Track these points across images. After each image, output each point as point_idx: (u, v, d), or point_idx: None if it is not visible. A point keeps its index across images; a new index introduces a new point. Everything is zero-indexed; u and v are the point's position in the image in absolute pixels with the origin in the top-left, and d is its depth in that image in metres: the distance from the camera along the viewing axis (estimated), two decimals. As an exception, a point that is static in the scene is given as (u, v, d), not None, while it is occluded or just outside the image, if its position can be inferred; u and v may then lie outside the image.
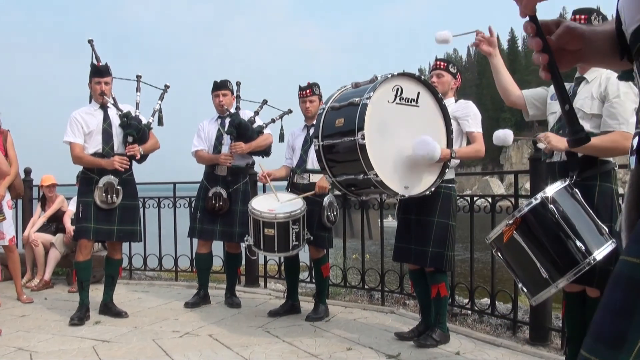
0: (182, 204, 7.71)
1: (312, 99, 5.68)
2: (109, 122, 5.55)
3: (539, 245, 3.31)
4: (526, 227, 3.33)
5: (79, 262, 5.57)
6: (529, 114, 4.00)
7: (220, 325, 5.38)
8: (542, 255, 3.29)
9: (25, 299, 6.44)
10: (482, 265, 9.22)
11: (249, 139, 6.01)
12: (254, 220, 5.36)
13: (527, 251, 3.32)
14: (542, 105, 3.95)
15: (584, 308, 3.63)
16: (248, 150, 6.00)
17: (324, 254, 5.76)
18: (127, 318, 5.64)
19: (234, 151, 5.95)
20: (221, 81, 6.25)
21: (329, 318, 5.61)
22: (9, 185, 6.32)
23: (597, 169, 3.50)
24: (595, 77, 3.58)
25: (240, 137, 5.97)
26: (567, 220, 3.26)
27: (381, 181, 3.94)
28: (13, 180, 6.41)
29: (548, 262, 3.27)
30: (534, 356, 4.43)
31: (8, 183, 6.27)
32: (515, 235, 3.34)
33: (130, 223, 5.67)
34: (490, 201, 5.32)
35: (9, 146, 6.45)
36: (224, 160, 5.99)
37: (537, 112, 3.98)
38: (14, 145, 6.52)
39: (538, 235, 3.32)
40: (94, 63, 5.62)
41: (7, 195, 6.40)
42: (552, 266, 3.26)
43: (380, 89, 4.05)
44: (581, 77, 3.67)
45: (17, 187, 6.72)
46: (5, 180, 6.06)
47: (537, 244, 3.31)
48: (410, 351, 4.54)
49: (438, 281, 4.65)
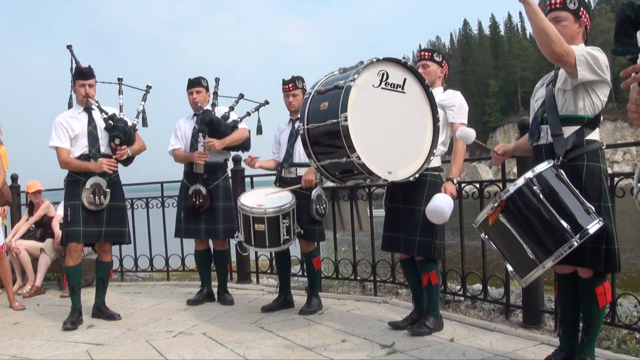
0: (170, 203, 7.68)
1: (295, 92, 5.65)
2: (94, 125, 5.51)
3: (524, 227, 3.32)
4: (511, 209, 3.34)
5: (69, 267, 5.52)
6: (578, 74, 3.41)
7: (214, 322, 5.37)
8: (528, 237, 3.30)
9: (17, 305, 6.41)
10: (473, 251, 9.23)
11: (222, 135, 5.95)
12: (243, 216, 5.34)
13: (513, 233, 3.34)
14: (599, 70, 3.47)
15: (576, 289, 3.64)
16: (222, 146, 5.96)
17: (314, 247, 5.76)
18: (120, 320, 5.61)
19: (207, 148, 5.92)
20: (195, 78, 6.21)
21: (323, 311, 5.61)
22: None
23: (584, 148, 3.49)
24: None
25: (214, 134, 5.91)
26: (552, 200, 3.27)
27: (364, 164, 3.92)
28: (0, 188, 6.28)
29: (534, 243, 3.28)
30: (527, 339, 4.44)
31: None
32: (501, 217, 3.35)
33: (118, 224, 5.64)
34: (479, 187, 5.33)
35: None
36: (197, 157, 5.95)
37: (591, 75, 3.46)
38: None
39: (523, 217, 3.33)
40: (76, 66, 5.57)
41: None
42: (538, 247, 3.27)
43: (364, 73, 4.03)
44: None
45: (5, 195, 6.61)
46: None
47: (523, 225, 3.33)
48: (404, 340, 4.54)
49: (428, 269, 4.66)
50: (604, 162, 3.56)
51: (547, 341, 4.31)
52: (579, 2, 3.54)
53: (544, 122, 3.61)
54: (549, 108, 3.59)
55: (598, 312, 3.57)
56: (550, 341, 4.29)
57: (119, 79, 5.87)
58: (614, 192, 4.22)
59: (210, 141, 5.87)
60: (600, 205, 3.40)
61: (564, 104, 3.54)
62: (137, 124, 5.74)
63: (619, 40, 2.13)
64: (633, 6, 2.03)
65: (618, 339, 4.27)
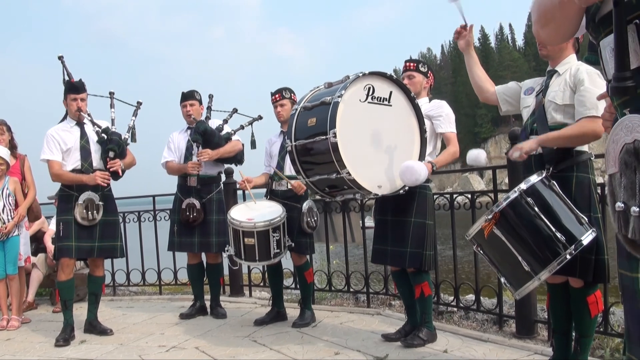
0: (162, 216, 7.66)
1: (282, 102, 5.66)
2: (87, 139, 5.50)
3: (519, 239, 3.31)
4: (505, 221, 3.33)
5: (62, 282, 5.49)
6: (502, 109, 4.05)
7: (207, 337, 5.35)
8: (523, 249, 3.29)
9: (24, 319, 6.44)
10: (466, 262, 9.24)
11: (216, 146, 5.98)
12: (233, 230, 5.34)
13: (507, 245, 3.32)
14: (514, 101, 3.99)
15: (567, 299, 3.66)
16: (215, 156, 5.98)
17: (306, 260, 5.75)
18: (113, 335, 5.58)
19: (201, 158, 5.91)
20: (188, 91, 6.24)
21: (316, 323, 5.60)
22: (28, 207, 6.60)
23: (573, 159, 3.52)
24: (566, 69, 3.61)
25: (207, 145, 5.94)
26: (546, 212, 3.27)
27: (354, 180, 3.94)
28: (31, 202, 6.75)
29: (529, 255, 3.27)
30: (521, 349, 4.45)
31: (28, 205, 6.57)
32: (495, 230, 3.34)
33: (111, 239, 5.61)
34: (470, 197, 5.34)
35: (27, 170, 6.78)
36: (191, 168, 5.95)
37: (510, 107, 4.03)
38: (31, 170, 6.84)
39: (518, 229, 3.32)
40: (68, 80, 5.56)
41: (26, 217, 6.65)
42: (533, 259, 3.26)
43: (351, 88, 4.05)
44: (553, 70, 3.70)
45: (35, 210, 7.24)
46: (26, 201, 6.47)
47: (517, 237, 3.31)
48: (398, 352, 4.54)
49: (420, 281, 4.66)
50: (593, 173, 3.59)
51: (541, 351, 4.32)
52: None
53: (533, 132, 3.64)
54: (539, 119, 3.62)
55: (590, 321, 3.58)
56: (543, 351, 4.29)
57: (110, 92, 5.87)
58: (605, 202, 4.23)
59: (205, 151, 5.88)
60: (590, 216, 3.42)
61: (554, 115, 3.56)
62: (128, 138, 5.74)
63: (593, 49, 2.15)
64: None
65: (611, 347, 4.27)
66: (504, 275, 3.49)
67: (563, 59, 3.65)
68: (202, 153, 5.89)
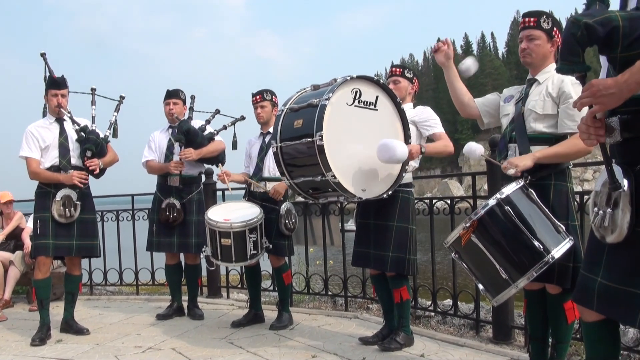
0: (140, 216, 7.63)
1: (263, 104, 5.66)
2: (65, 136, 5.45)
3: (497, 247, 3.31)
4: (483, 229, 3.33)
5: (38, 280, 5.43)
6: (484, 122, 4.08)
7: (183, 338, 5.32)
8: (501, 256, 3.29)
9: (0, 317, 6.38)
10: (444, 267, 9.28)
11: (199, 146, 5.95)
12: (210, 231, 5.33)
13: (485, 253, 3.32)
14: (495, 112, 4.01)
15: (544, 305, 3.68)
16: (198, 156, 5.95)
17: (284, 262, 5.75)
18: (89, 335, 5.53)
19: (184, 157, 5.89)
20: (173, 90, 6.21)
21: (293, 326, 5.60)
22: None
23: (552, 168, 3.54)
24: (546, 77, 3.63)
25: (190, 144, 5.90)
26: (524, 220, 3.28)
27: (339, 183, 3.93)
28: None
29: (507, 263, 3.28)
30: (497, 355, 4.48)
31: None
32: (473, 237, 3.33)
33: (89, 237, 5.56)
34: (449, 203, 5.37)
35: None
36: (174, 167, 5.92)
37: (491, 119, 4.04)
38: None
39: (496, 237, 3.32)
40: (50, 76, 5.50)
41: None
42: (511, 266, 3.27)
43: (339, 91, 4.05)
44: (533, 78, 3.72)
45: None
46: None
47: (495, 245, 3.31)
48: (374, 355, 4.55)
49: (399, 285, 4.67)
50: (571, 182, 3.62)
51: (517, 357, 4.35)
52: (552, 22, 3.61)
53: (512, 140, 3.66)
54: (518, 127, 3.64)
55: (567, 327, 3.61)
56: (520, 357, 4.32)
57: (92, 89, 5.80)
58: (584, 210, 4.26)
59: (188, 150, 5.86)
60: (567, 224, 3.45)
61: (533, 124, 3.59)
62: (109, 135, 5.69)
63: (565, 59, 2.17)
64: (579, 24, 2.07)
65: (586, 354, 4.30)
66: (481, 282, 3.49)
67: (544, 67, 3.67)
68: (185, 152, 5.87)
